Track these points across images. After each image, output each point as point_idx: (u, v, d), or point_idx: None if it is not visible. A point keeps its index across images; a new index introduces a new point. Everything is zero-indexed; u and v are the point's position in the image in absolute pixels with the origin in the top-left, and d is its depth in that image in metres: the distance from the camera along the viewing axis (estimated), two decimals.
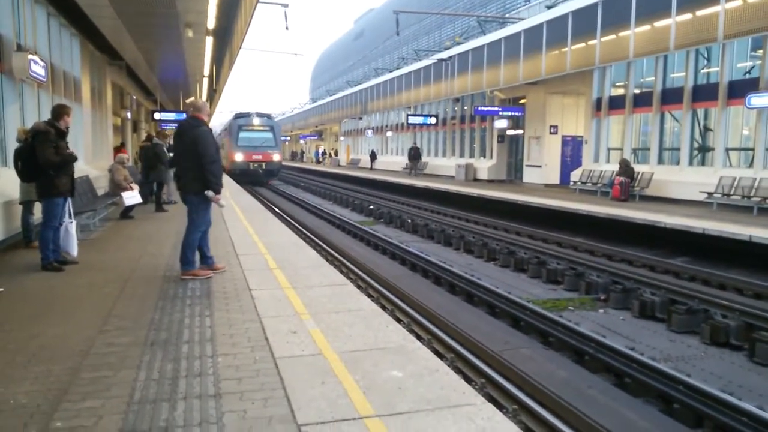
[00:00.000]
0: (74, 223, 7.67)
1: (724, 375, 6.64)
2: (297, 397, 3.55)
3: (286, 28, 18.53)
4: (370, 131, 48.05)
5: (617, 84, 22.01)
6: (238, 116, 36.22)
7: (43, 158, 6.93)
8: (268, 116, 37.18)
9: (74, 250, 7.57)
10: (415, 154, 34.29)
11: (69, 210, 7.57)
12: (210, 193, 6.57)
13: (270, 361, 4.17)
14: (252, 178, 34.21)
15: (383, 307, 8.28)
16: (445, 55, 30.26)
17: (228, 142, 36.47)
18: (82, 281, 6.71)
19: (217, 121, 67.96)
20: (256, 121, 35.18)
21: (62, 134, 7.26)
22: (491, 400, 5.34)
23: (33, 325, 5.02)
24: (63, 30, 15.28)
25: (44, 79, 12.06)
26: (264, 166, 34.44)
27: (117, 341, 4.59)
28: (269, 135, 35.19)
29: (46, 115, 8.02)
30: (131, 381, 3.80)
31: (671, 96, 19.17)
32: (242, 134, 34.62)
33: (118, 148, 20.41)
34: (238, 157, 33.97)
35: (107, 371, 3.97)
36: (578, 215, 16.00)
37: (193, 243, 6.79)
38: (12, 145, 9.09)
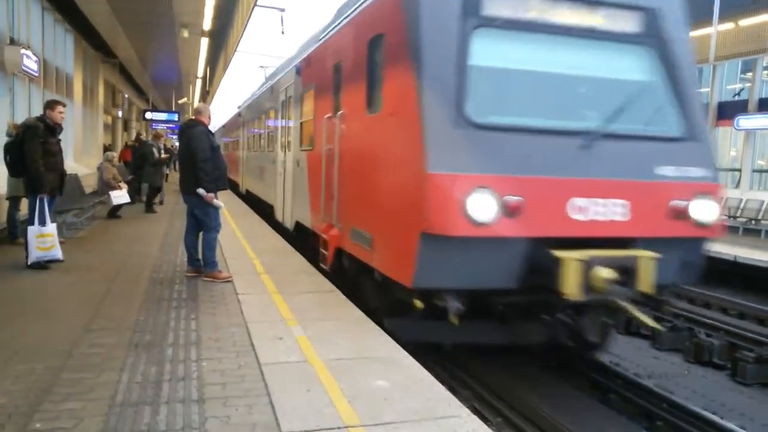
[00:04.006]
0: (38, 229, 6.90)
1: (707, 393, 6.68)
2: (282, 405, 3.51)
3: (282, 33, 18.55)
4: None
5: None
6: None
7: (29, 154, 6.86)
8: None
9: (29, 258, 6.92)
10: None
11: (46, 214, 7.00)
12: (201, 191, 6.56)
13: (255, 366, 4.13)
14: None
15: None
16: None
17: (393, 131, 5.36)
18: (67, 280, 6.63)
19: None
20: None
21: (52, 130, 7.20)
22: (476, 412, 5.33)
23: (16, 323, 4.95)
24: (57, 25, 15.19)
25: (36, 74, 11.98)
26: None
27: (101, 342, 4.53)
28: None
29: (37, 111, 7.95)
30: (114, 383, 3.75)
31: None
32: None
33: (125, 148, 20.29)
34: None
35: (90, 372, 3.91)
36: None
37: (211, 243, 6.82)
38: (1, 139, 9.00)
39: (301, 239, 9.49)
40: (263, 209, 13.78)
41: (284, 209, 10.79)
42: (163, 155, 14.16)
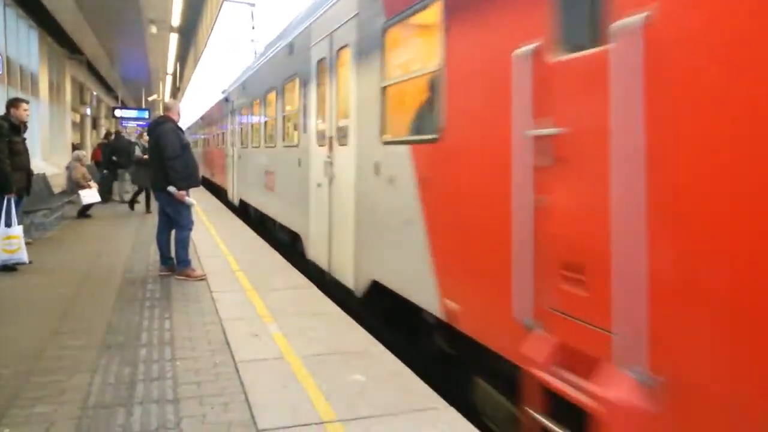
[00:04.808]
0: (4, 231, 6.72)
1: None
2: (258, 402, 3.49)
3: (253, 28, 18.40)
4: None
5: None
6: None
7: None
8: None
9: None
10: None
11: (12, 215, 6.81)
12: (172, 189, 6.48)
13: (231, 364, 4.10)
14: None
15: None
16: None
17: None
18: (35, 282, 6.49)
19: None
20: None
21: (17, 128, 7.06)
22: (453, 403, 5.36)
23: None
24: (20, 21, 14.82)
25: None
26: None
27: (71, 344, 4.44)
28: None
29: (0, 109, 7.76)
30: (86, 385, 3.68)
31: None
32: None
33: (98, 147, 19.78)
34: None
35: (60, 375, 3.84)
36: None
37: (184, 241, 6.74)
38: None
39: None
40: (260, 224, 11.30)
41: (332, 252, 6.50)
42: (145, 156, 13.31)
